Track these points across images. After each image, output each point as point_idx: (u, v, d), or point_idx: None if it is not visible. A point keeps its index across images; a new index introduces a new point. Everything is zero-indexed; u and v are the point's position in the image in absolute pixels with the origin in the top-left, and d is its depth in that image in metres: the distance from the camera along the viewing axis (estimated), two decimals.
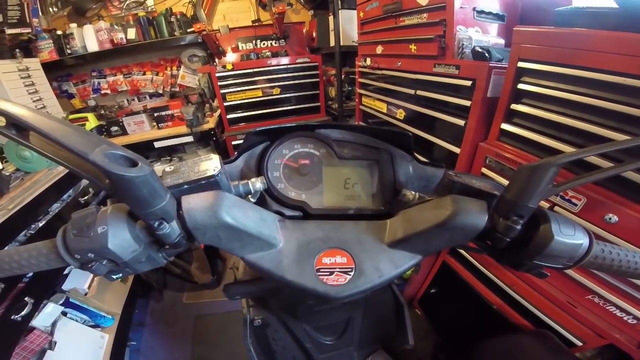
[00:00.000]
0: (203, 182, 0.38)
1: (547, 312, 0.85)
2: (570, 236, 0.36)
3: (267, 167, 0.53)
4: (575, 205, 0.71)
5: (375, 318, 0.74)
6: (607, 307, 0.72)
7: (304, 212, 0.51)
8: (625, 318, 0.70)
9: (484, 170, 0.94)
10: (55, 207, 1.40)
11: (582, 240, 0.36)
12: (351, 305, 0.69)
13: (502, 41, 1.09)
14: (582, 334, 0.78)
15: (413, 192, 0.50)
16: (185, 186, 0.38)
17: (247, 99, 2.23)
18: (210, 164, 0.40)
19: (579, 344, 0.80)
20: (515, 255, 0.39)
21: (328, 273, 0.41)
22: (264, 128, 0.53)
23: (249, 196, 0.47)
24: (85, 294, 1.50)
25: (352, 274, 0.42)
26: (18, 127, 0.28)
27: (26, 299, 1.09)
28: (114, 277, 0.39)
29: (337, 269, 0.42)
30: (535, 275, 0.40)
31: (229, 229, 0.38)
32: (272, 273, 0.42)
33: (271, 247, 0.43)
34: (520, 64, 0.81)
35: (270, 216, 0.46)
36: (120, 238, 0.35)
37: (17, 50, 1.86)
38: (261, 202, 0.51)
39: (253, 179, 0.46)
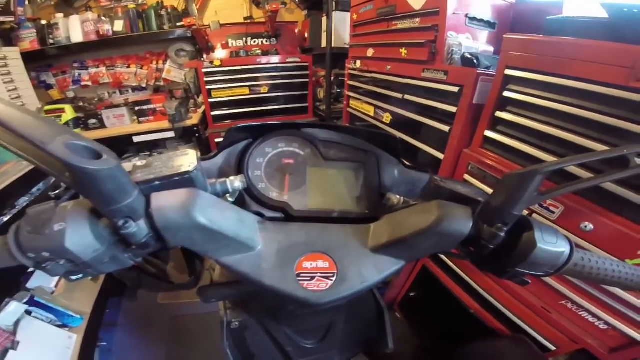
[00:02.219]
0: (176, 178, 0.35)
1: (523, 317, 0.86)
2: (552, 244, 0.36)
3: (247, 165, 0.50)
4: (553, 213, 0.71)
5: (357, 322, 0.73)
6: (580, 313, 0.74)
7: (286, 213, 0.49)
8: (597, 323, 0.71)
9: (466, 176, 0.94)
10: (23, 202, 1.33)
11: (564, 248, 0.36)
12: (333, 309, 0.67)
13: (491, 48, 1.10)
14: (556, 338, 0.79)
15: (398, 197, 0.49)
16: (157, 182, 0.35)
17: (234, 96, 2.19)
18: (185, 159, 0.37)
19: (553, 348, 0.81)
20: (498, 263, 0.39)
21: (309, 278, 0.40)
22: (246, 124, 0.50)
23: (227, 195, 0.44)
24: (52, 293, 1.42)
25: (334, 279, 0.40)
26: None
27: None
28: (74, 278, 0.35)
29: (319, 274, 0.40)
30: (517, 283, 0.40)
31: (203, 230, 0.35)
32: (249, 277, 0.39)
33: (249, 250, 0.40)
34: (508, 72, 0.82)
35: (250, 217, 0.43)
36: (80, 236, 0.31)
37: None
38: (240, 202, 0.48)
39: (232, 177, 0.43)
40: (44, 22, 2.17)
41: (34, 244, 0.31)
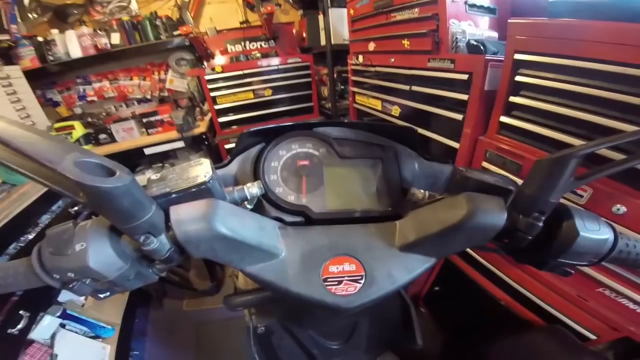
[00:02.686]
0: (193, 189, 0.35)
1: (557, 307, 0.84)
2: (595, 231, 0.34)
3: (263, 171, 0.49)
4: (582, 197, 0.70)
5: (382, 320, 0.71)
6: (620, 300, 0.71)
7: (306, 217, 0.48)
8: (638, 310, 0.69)
9: (484, 164, 0.92)
10: (45, 219, 1.37)
11: (608, 235, 0.35)
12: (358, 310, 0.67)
13: (495, 34, 1.08)
14: (595, 327, 0.77)
15: (422, 191, 0.47)
16: (174, 195, 0.34)
17: (239, 101, 2.18)
18: (200, 169, 0.36)
19: (593, 337, 0.78)
20: (537, 254, 0.38)
21: (336, 282, 0.39)
22: (258, 128, 0.49)
23: (245, 203, 0.44)
24: (83, 305, 1.47)
25: (362, 282, 0.39)
26: None
27: (21, 312, 1.07)
28: (102, 296, 0.36)
29: (346, 278, 0.39)
30: (559, 274, 0.38)
31: (225, 240, 0.35)
32: (275, 285, 0.39)
33: (273, 258, 0.40)
34: (517, 56, 0.80)
35: (270, 223, 0.43)
36: (103, 255, 0.31)
37: None
38: (258, 208, 0.47)
39: (249, 184, 0.43)
40: (40, 38, 2.17)
41: (57, 264, 0.31)
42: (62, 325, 1.30)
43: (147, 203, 0.31)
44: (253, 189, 0.43)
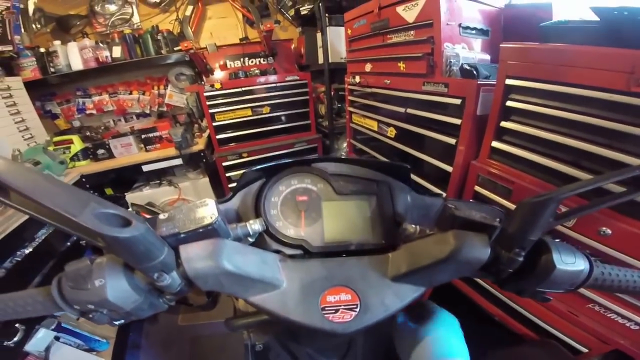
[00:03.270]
0: (201, 230, 0.38)
1: (550, 322, 0.86)
2: (571, 264, 0.37)
3: (264, 206, 0.52)
4: (570, 220, 0.72)
5: (377, 335, 0.73)
6: (609, 315, 0.74)
7: (305, 249, 0.50)
8: (627, 324, 0.71)
9: (477, 188, 0.95)
10: (42, 234, 1.37)
11: (583, 266, 0.38)
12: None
13: (487, 56, 1.11)
14: (586, 341, 0.79)
15: (414, 226, 0.50)
16: (182, 235, 0.37)
17: (237, 118, 2.21)
18: (206, 210, 0.39)
19: (585, 350, 0.80)
20: (518, 283, 0.41)
21: (333, 311, 0.41)
22: (260, 167, 0.52)
23: (248, 237, 0.47)
24: (78, 319, 1.44)
25: (357, 310, 0.41)
26: None
27: (17, 325, 1.09)
28: (116, 323, 0.38)
29: (342, 306, 0.42)
30: (538, 300, 0.41)
31: (230, 275, 0.38)
32: (277, 314, 0.41)
33: (274, 288, 0.42)
34: (508, 81, 0.83)
35: (271, 257, 0.45)
36: (120, 290, 0.34)
37: None
38: (260, 240, 0.50)
39: (251, 221, 0.46)
40: (42, 50, 2.18)
41: (78, 297, 0.34)
42: (57, 338, 1.31)
43: (160, 246, 0.33)
44: (255, 226, 0.46)
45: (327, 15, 2.00)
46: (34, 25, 2.14)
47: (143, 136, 2.12)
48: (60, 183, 0.28)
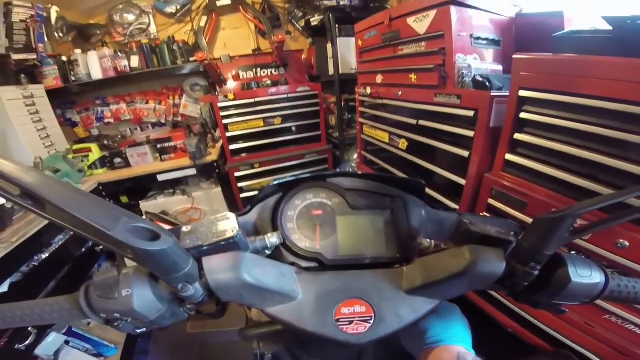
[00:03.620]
0: (222, 243, 0.39)
1: (565, 333, 0.84)
2: (587, 277, 0.38)
3: (281, 220, 0.54)
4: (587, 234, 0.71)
5: (388, 347, 0.72)
6: (626, 326, 0.72)
7: (320, 262, 0.52)
8: None
9: (491, 201, 0.93)
10: (59, 240, 1.41)
11: (599, 279, 0.38)
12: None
13: (499, 67, 1.11)
14: (603, 352, 0.77)
15: (429, 240, 0.51)
16: (205, 248, 0.39)
17: (249, 129, 2.24)
18: (227, 224, 0.41)
19: None
20: (533, 296, 0.41)
21: (347, 322, 0.42)
22: (279, 182, 0.54)
23: (265, 250, 0.48)
24: (89, 324, 1.50)
25: (371, 322, 0.42)
26: (33, 198, 0.27)
27: (30, 329, 1.10)
28: (139, 331, 0.40)
29: (357, 318, 0.42)
30: (553, 312, 0.41)
31: (250, 287, 0.39)
32: (293, 325, 0.42)
33: (291, 300, 0.43)
34: (522, 93, 0.82)
35: (288, 270, 0.47)
36: (145, 300, 0.36)
37: (23, 75, 1.85)
38: (276, 253, 0.52)
39: (269, 235, 0.48)
40: (64, 58, 2.23)
41: (105, 306, 0.36)
42: (66, 342, 1.33)
43: (186, 259, 0.35)
44: (273, 239, 0.48)
45: (337, 26, 2.03)
46: (56, 34, 2.21)
47: (159, 146, 2.17)
48: (91, 196, 0.30)
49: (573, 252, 0.73)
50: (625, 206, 0.60)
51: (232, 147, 2.26)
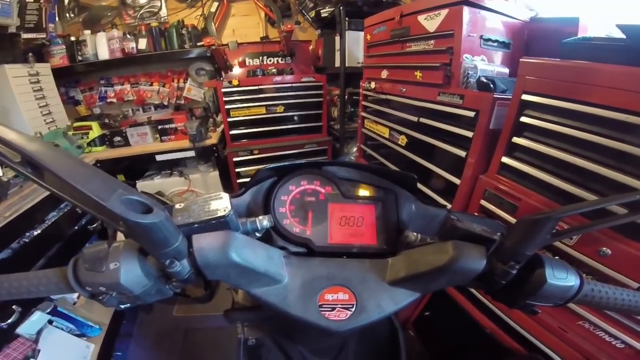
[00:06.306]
0: (213, 222, 0.39)
1: (539, 337, 0.85)
2: (562, 279, 0.39)
3: (274, 204, 0.54)
4: (571, 238, 0.71)
5: (370, 341, 0.74)
6: (597, 333, 0.73)
7: (309, 248, 0.52)
8: (613, 342, 0.71)
9: (482, 202, 0.93)
10: (52, 216, 1.40)
11: (574, 282, 0.39)
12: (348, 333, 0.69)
13: (506, 70, 1.10)
14: (572, 357, 0.78)
15: (415, 234, 0.52)
16: (196, 225, 0.39)
17: (251, 115, 2.24)
18: (220, 203, 0.41)
19: None
20: (509, 295, 0.42)
21: (330, 309, 0.43)
22: (273, 166, 0.54)
23: (256, 232, 0.48)
24: (74, 304, 1.50)
25: (353, 310, 0.43)
26: (33, 165, 0.27)
27: (14, 306, 1.08)
28: (123, 307, 0.40)
29: (339, 305, 0.43)
30: (527, 312, 0.43)
31: (238, 267, 0.39)
32: (276, 307, 0.43)
33: (277, 283, 0.44)
34: (524, 97, 0.82)
35: (277, 253, 0.47)
36: (132, 274, 0.36)
37: (30, 54, 1.88)
38: (266, 236, 0.52)
39: (260, 217, 0.48)
40: (73, 38, 2.27)
41: (92, 279, 0.36)
42: (50, 322, 1.31)
43: (176, 234, 0.35)
44: (264, 222, 0.47)
45: (347, 19, 2.02)
46: (67, 15, 2.24)
47: (159, 127, 2.18)
48: (92, 168, 0.30)
49: (557, 257, 0.74)
50: (610, 214, 0.61)
51: (233, 132, 2.27)
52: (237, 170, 2.33)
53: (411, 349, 1.35)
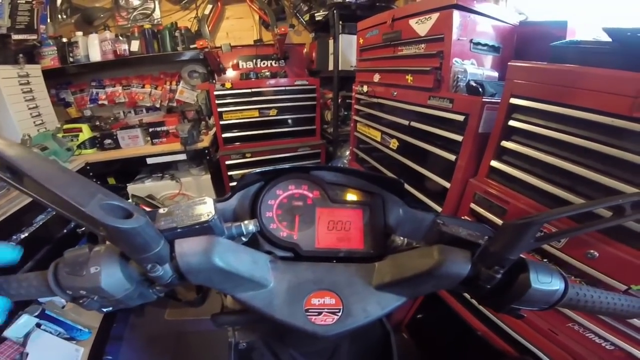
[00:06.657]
0: (197, 227, 0.39)
1: (530, 339, 0.86)
2: (547, 283, 0.39)
3: (260, 208, 0.54)
4: (559, 241, 0.72)
5: (362, 344, 0.74)
6: (587, 335, 0.73)
7: (296, 253, 0.52)
8: (603, 344, 0.71)
9: (472, 206, 0.94)
10: (40, 219, 1.38)
11: (558, 286, 0.39)
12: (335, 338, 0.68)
13: (495, 74, 1.11)
14: (562, 359, 0.79)
15: (401, 239, 0.52)
16: (179, 230, 0.39)
17: (244, 118, 2.23)
18: (204, 208, 0.41)
19: None
20: (495, 299, 0.43)
21: (316, 313, 0.43)
22: (261, 170, 0.54)
23: (241, 236, 0.48)
24: (63, 307, 1.47)
25: (339, 314, 0.43)
26: (12, 170, 0.27)
27: None
28: (104, 310, 0.40)
29: (326, 310, 0.43)
30: (513, 316, 0.42)
31: (221, 272, 0.39)
32: (262, 312, 0.43)
33: (262, 287, 0.44)
34: (513, 100, 0.82)
35: (262, 257, 0.47)
36: (113, 278, 0.36)
37: (21, 55, 1.86)
38: (253, 240, 0.52)
39: (246, 222, 0.47)
40: (64, 40, 2.25)
41: (72, 283, 0.36)
42: (38, 325, 1.29)
43: (157, 239, 0.35)
44: (249, 226, 0.47)
45: (341, 22, 2.02)
46: (59, 16, 2.21)
47: (151, 129, 2.16)
48: (72, 173, 0.30)
49: (545, 260, 0.74)
50: (597, 217, 0.60)
51: (225, 135, 2.25)
52: (229, 173, 2.31)
53: (404, 351, 1.36)
